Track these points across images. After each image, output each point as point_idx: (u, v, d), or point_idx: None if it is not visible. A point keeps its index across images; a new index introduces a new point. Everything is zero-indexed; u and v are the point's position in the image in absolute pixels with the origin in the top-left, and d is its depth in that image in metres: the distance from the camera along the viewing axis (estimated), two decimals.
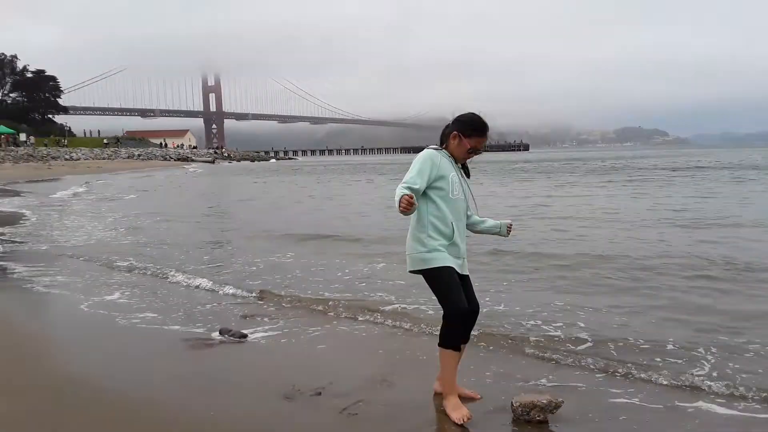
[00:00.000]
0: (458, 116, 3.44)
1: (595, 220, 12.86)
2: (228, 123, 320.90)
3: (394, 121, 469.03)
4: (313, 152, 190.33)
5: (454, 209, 3.36)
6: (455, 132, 3.39)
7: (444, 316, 3.31)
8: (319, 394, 3.68)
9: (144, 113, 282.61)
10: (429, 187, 3.29)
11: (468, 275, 3.48)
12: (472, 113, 3.44)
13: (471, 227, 3.63)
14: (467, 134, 3.38)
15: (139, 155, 75.64)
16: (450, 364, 3.37)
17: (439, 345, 3.36)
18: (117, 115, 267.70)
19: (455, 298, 3.27)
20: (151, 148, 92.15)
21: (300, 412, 3.46)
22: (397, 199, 3.06)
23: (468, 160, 3.53)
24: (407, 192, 3.08)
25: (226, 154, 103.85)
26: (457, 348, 3.36)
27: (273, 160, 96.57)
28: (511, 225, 3.67)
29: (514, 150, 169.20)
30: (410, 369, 4.21)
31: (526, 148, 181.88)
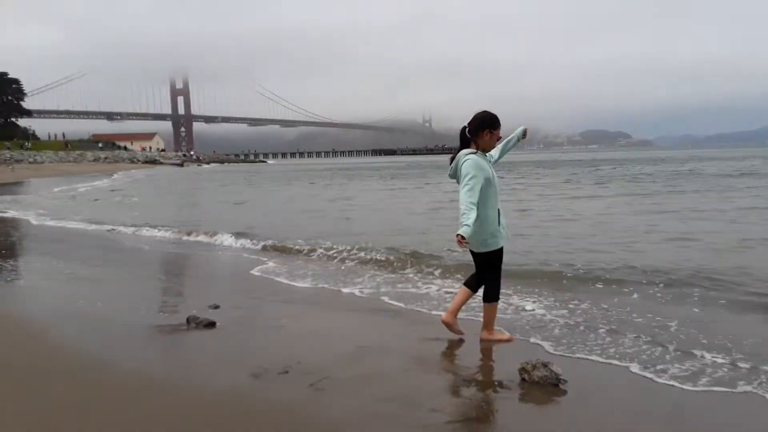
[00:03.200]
0: (477, 118, 4.17)
1: None
2: (197, 126, 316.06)
3: (366, 124, 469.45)
4: (284, 155, 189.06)
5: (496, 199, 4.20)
6: (486, 130, 4.14)
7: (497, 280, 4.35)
8: (287, 372, 3.75)
9: (110, 116, 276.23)
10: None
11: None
12: (484, 111, 4.20)
13: (504, 152, 4.51)
14: (495, 127, 4.18)
15: (105, 158, 74.20)
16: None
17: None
18: (83, 118, 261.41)
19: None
20: (117, 151, 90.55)
21: (267, 388, 3.53)
22: (458, 233, 3.89)
23: None
24: (463, 233, 3.88)
25: (195, 157, 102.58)
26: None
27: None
28: (526, 130, 4.55)
29: None
30: (377, 348, 4.33)
31: None
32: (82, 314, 5.47)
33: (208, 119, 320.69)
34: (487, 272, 4.32)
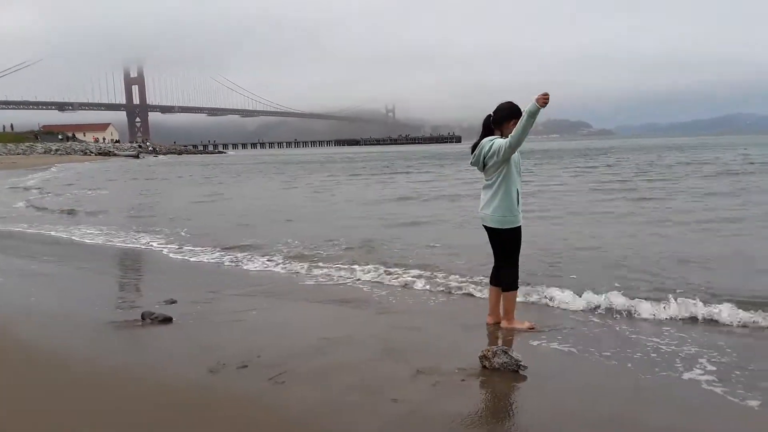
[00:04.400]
0: (505, 108, 4.34)
1: None
2: (153, 116, 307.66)
3: (329, 114, 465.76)
4: (244, 145, 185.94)
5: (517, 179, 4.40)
6: (513, 120, 4.24)
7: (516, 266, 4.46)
8: (246, 366, 3.66)
9: (62, 107, 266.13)
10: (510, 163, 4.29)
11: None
12: (510, 102, 4.36)
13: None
14: (518, 116, 4.20)
15: (57, 150, 71.60)
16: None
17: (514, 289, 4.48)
18: (33, 108, 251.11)
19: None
20: (69, 143, 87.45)
21: (225, 383, 3.44)
22: (530, 110, 3.97)
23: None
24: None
25: (151, 148, 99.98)
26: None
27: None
28: (541, 96, 4.02)
29: (446, 142, 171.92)
30: (341, 338, 4.29)
31: (458, 140, 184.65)
32: (34, 310, 5.26)
33: (165, 109, 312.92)
34: (504, 254, 4.43)
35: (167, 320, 4.86)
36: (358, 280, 6.39)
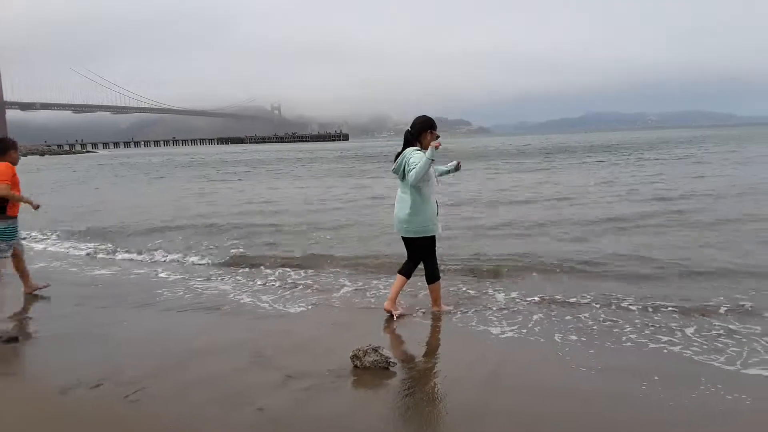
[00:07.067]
0: (418, 122, 4.82)
1: None
2: (12, 114, 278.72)
3: (212, 111, 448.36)
4: (116, 144, 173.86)
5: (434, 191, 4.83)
6: (428, 131, 4.79)
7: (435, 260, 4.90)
8: (100, 385, 3.41)
9: None
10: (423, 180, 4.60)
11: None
12: (424, 116, 4.88)
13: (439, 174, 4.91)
14: (434, 128, 4.85)
15: None
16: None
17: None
18: None
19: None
20: None
21: (75, 404, 3.20)
22: (428, 157, 4.48)
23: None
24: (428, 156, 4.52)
25: None
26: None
27: None
28: (437, 144, 4.62)
29: (334, 140, 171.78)
30: (210, 348, 4.13)
31: (345, 137, 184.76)
32: None
33: (24, 106, 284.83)
34: (424, 257, 4.86)
35: (12, 339, 4.41)
36: (232, 284, 6.18)
